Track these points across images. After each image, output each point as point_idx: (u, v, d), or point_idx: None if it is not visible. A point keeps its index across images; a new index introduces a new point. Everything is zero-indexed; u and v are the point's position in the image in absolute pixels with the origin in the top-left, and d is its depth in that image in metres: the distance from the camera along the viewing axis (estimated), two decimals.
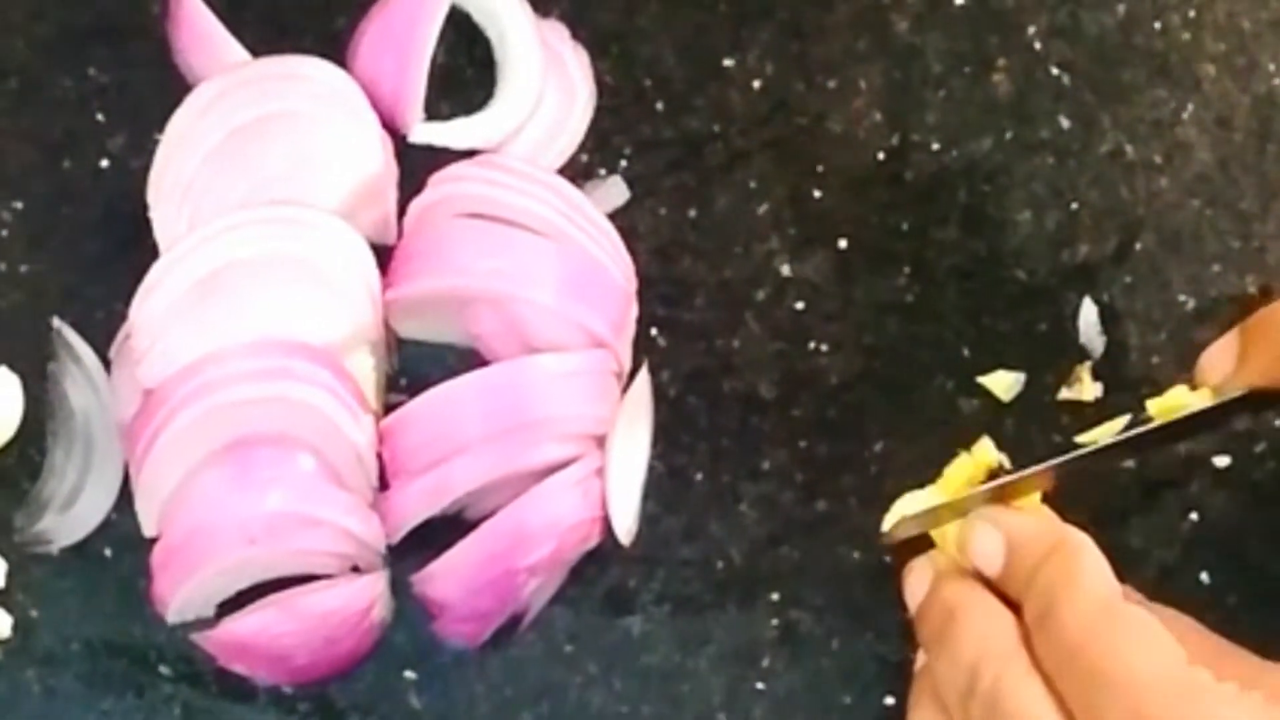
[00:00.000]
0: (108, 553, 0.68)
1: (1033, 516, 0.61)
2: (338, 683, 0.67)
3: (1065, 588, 0.56)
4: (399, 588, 0.67)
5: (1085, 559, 0.57)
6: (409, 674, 0.67)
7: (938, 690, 0.60)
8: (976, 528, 0.61)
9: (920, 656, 0.62)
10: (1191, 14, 0.71)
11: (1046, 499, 0.62)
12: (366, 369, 0.66)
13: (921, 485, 0.65)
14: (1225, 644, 0.59)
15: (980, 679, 0.57)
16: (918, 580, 0.62)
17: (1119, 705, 0.53)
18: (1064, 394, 0.68)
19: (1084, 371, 0.68)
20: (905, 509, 0.64)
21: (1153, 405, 0.63)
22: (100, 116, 0.72)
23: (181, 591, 0.64)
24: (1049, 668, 0.56)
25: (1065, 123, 0.70)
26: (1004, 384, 0.68)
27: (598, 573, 0.68)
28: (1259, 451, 0.67)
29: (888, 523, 0.64)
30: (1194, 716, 0.52)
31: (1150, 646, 0.54)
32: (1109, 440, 0.63)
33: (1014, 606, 0.59)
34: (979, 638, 0.58)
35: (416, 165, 0.69)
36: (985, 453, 0.62)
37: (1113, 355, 0.69)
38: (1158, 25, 0.71)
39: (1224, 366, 0.63)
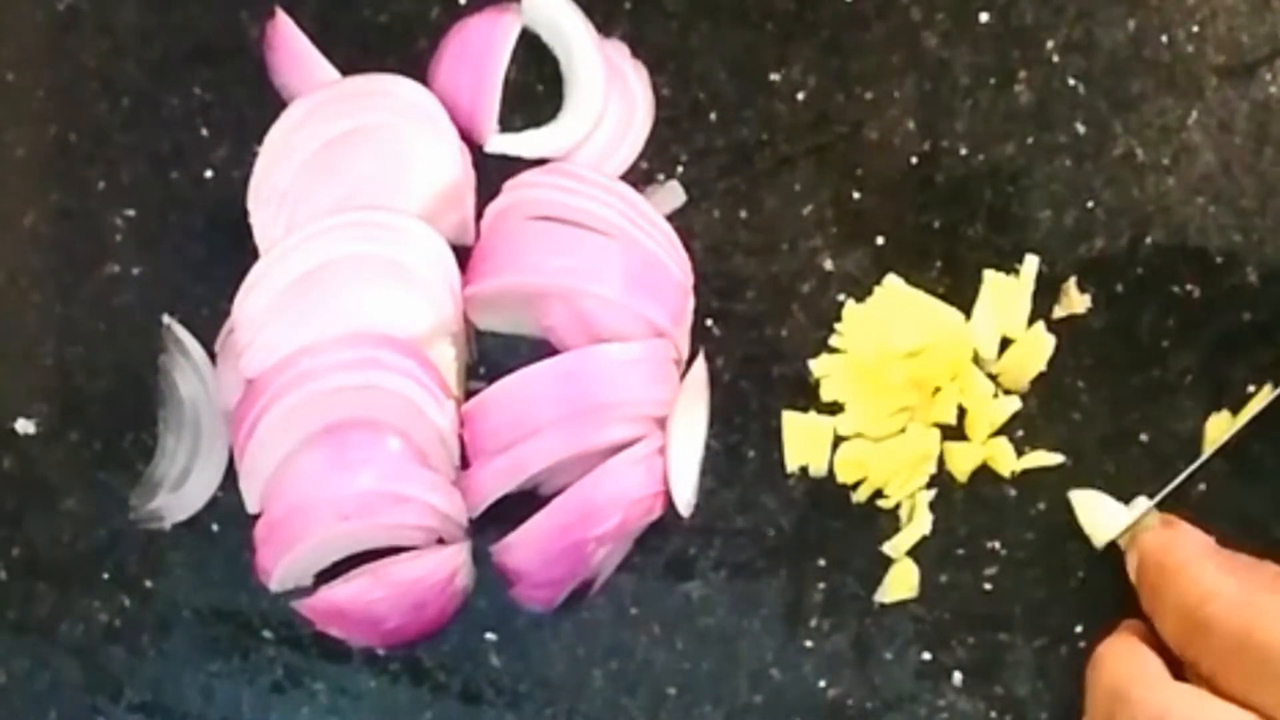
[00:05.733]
0: (215, 528, 0.69)
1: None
2: (425, 644, 0.67)
3: (1202, 595, 0.57)
4: (480, 557, 0.67)
5: (1195, 560, 0.58)
6: (490, 636, 0.68)
7: None
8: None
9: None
10: (1195, 29, 0.69)
11: None
12: (448, 358, 0.66)
13: None
14: None
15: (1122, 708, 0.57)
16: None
17: None
18: (1057, 312, 0.68)
19: (1070, 287, 0.68)
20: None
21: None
22: (204, 131, 0.71)
23: (282, 563, 0.64)
24: (1213, 669, 0.56)
25: (1081, 129, 0.69)
26: None
27: (660, 542, 0.68)
28: (1259, 424, 0.66)
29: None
30: None
31: None
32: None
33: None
34: (1115, 672, 0.59)
35: (492, 173, 0.68)
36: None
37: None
38: (1164, 39, 0.70)
39: None
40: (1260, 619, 0.55)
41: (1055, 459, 0.66)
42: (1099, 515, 0.66)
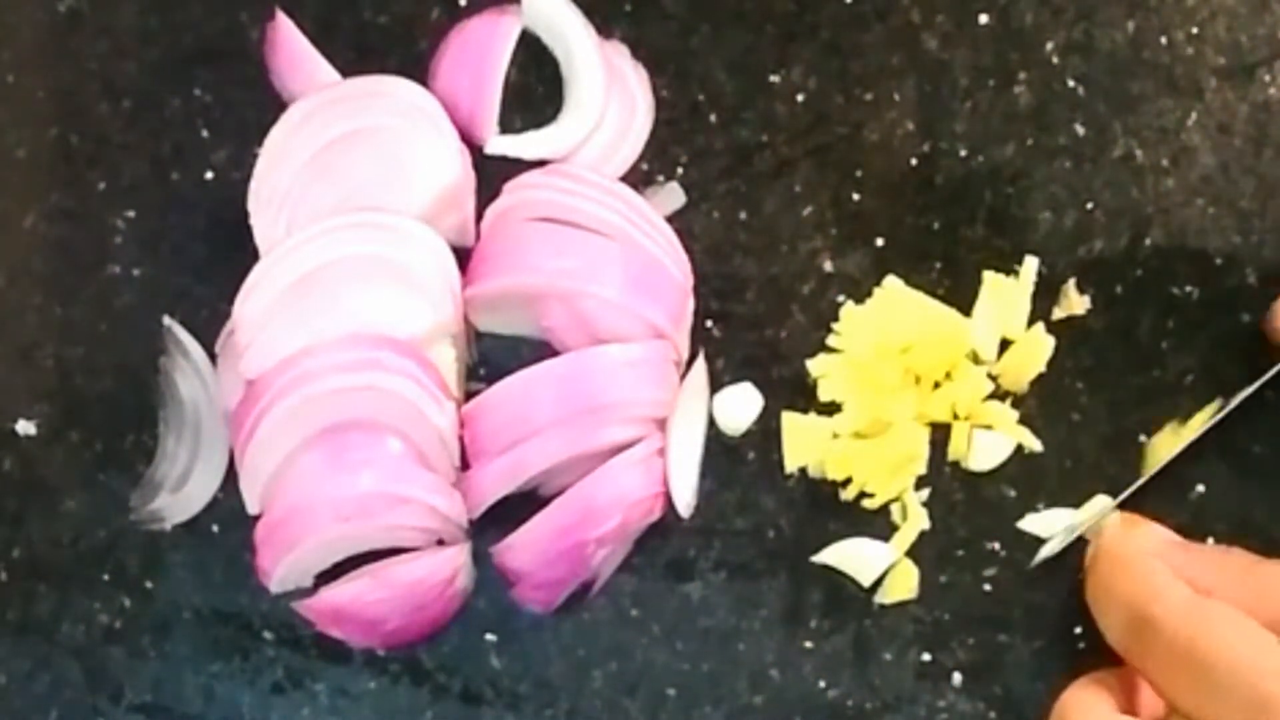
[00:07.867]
0: (215, 529, 0.68)
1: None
2: (425, 645, 0.67)
3: (1152, 593, 0.56)
4: (480, 558, 0.66)
5: (1150, 556, 0.58)
6: (490, 637, 0.67)
7: None
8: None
9: None
10: (1194, 30, 0.69)
11: None
12: (448, 360, 0.65)
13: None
14: None
15: None
16: None
17: (1237, 692, 0.52)
18: (1057, 314, 0.67)
19: (1070, 289, 0.67)
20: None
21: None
22: (205, 133, 0.71)
23: (283, 564, 0.64)
24: (1157, 675, 0.55)
25: (1081, 130, 0.69)
26: None
27: (660, 543, 0.67)
28: (1258, 425, 0.66)
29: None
30: None
31: (1243, 631, 0.53)
32: (1211, 421, 0.65)
33: None
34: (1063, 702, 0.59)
35: (492, 174, 0.67)
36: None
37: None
38: (1164, 40, 0.69)
39: None
40: (1206, 627, 0.53)
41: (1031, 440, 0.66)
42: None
